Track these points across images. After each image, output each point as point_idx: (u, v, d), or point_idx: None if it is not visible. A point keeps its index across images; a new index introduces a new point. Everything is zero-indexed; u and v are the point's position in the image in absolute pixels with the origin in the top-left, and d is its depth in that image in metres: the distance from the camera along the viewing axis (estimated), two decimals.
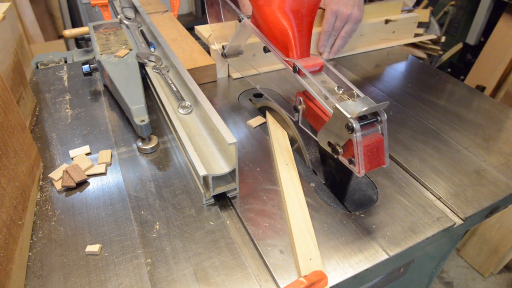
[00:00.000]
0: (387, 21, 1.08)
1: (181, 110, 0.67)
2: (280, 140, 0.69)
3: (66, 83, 0.89)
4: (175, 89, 0.72)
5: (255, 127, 0.72)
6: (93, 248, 0.50)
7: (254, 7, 0.65)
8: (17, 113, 0.56)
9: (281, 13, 0.59)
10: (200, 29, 1.01)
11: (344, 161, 0.52)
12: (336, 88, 0.54)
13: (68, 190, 0.60)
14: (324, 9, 0.95)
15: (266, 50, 0.67)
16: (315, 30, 0.90)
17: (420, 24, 1.69)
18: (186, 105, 0.67)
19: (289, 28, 0.59)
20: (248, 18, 0.71)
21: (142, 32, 0.93)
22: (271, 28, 0.62)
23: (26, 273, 0.48)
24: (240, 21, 0.72)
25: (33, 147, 0.61)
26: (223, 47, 0.86)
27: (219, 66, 0.91)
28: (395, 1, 1.09)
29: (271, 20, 0.61)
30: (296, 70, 0.58)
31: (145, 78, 0.80)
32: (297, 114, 0.62)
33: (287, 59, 0.60)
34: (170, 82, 0.74)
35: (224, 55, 0.86)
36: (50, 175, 0.61)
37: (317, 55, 0.60)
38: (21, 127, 0.57)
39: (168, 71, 0.78)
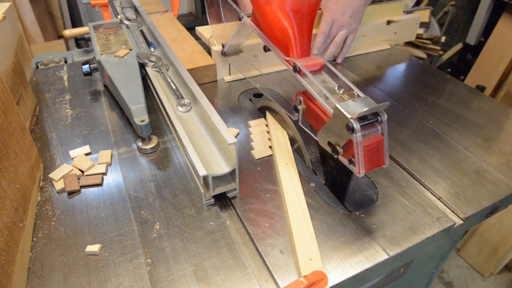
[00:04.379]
0: (389, 22, 1.08)
1: (180, 108, 0.67)
2: (280, 140, 0.69)
3: (66, 83, 0.90)
4: (174, 87, 0.72)
5: (258, 159, 0.68)
6: (93, 248, 0.50)
7: (254, 6, 0.65)
8: (17, 115, 0.56)
9: (282, 13, 0.59)
10: (201, 30, 1.01)
11: (344, 161, 0.52)
12: (336, 88, 0.54)
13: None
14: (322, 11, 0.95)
15: (266, 49, 0.67)
16: (314, 31, 0.90)
17: (420, 24, 1.69)
18: (185, 103, 0.67)
19: (289, 27, 0.59)
20: (248, 17, 0.71)
21: (142, 32, 0.93)
22: (272, 28, 0.62)
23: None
24: (240, 19, 0.72)
25: (33, 149, 0.61)
26: (223, 45, 0.86)
27: (220, 67, 0.91)
28: (397, 2, 1.09)
29: (272, 19, 0.61)
30: (296, 69, 0.58)
31: (145, 78, 0.80)
32: (297, 114, 0.62)
33: (287, 58, 0.60)
34: (170, 80, 0.74)
35: (223, 54, 0.86)
36: (50, 175, 0.61)
37: (317, 55, 0.60)
38: (21, 129, 0.57)
39: (167, 70, 0.78)
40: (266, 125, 0.75)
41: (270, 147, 0.69)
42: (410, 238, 0.53)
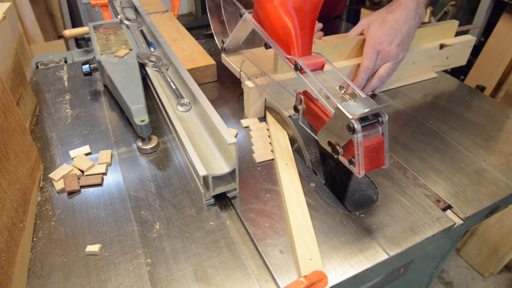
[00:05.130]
0: (441, 46, 0.92)
1: (179, 108, 0.67)
2: (280, 140, 0.69)
3: (66, 83, 0.89)
4: (174, 87, 0.72)
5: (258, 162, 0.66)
6: (93, 248, 0.50)
7: (256, 3, 0.65)
8: (17, 115, 0.56)
9: (284, 10, 0.59)
10: (228, 58, 0.84)
11: (344, 161, 0.52)
12: (337, 88, 0.54)
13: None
14: (364, 39, 0.81)
15: (267, 46, 0.66)
16: (355, 61, 0.82)
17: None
18: (185, 102, 0.67)
19: (291, 25, 0.59)
20: (249, 13, 0.70)
21: (142, 32, 0.93)
22: (273, 25, 0.61)
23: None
24: (241, 16, 0.72)
25: (33, 149, 0.61)
26: (223, 41, 0.86)
27: (253, 99, 0.75)
28: (450, 22, 0.94)
29: (273, 17, 0.60)
30: (297, 68, 0.58)
31: (145, 78, 0.80)
32: (298, 113, 0.62)
33: (288, 56, 0.60)
34: (169, 80, 0.74)
35: (223, 50, 0.86)
36: (50, 175, 0.61)
37: (319, 54, 0.60)
38: (21, 129, 0.57)
39: (167, 69, 0.78)
40: (267, 129, 0.74)
41: (271, 151, 0.68)
42: (410, 238, 0.53)
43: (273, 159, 0.67)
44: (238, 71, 0.80)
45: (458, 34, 0.98)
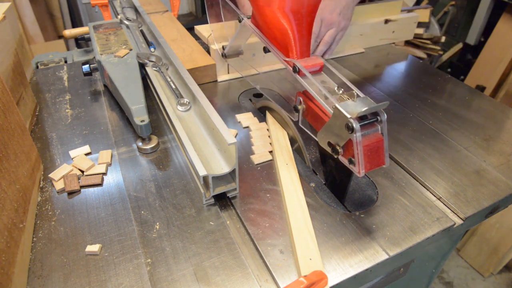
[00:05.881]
0: (386, 21, 1.09)
1: (179, 108, 0.67)
2: (280, 140, 0.69)
3: (66, 83, 0.90)
4: (173, 87, 0.72)
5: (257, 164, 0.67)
6: (93, 248, 0.50)
7: (254, 8, 0.65)
8: (17, 115, 0.56)
9: (281, 14, 0.59)
10: (200, 29, 1.01)
11: (344, 161, 0.52)
12: (336, 88, 0.54)
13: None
14: None
15: (266, 50, 0.67)
16: None
17: (420, 24, 1.69)
18: (185, 102, 0.67)
19: (289, 28, 0.59)
20: (248, 18, 0.71)
21: (142, 32, 0.93)
22: (271, 29, 0.62)
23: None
24: (240, 21, 0.72)
25: (33, 149, 0.61)
26: (223, 47, 0.86)
27: (218, 66, 0.90)
28: (395, 1, 1.10)
29: (271, 20, 0.61)
30: (296, 70, 0.58)
31: (145, 78, 0.80)
32: (297, 114, 0.62)
33: (287, 59, 0.60)
34: (169, 79, 0.74)
35: (224, 56, 0.86)
36: (50, 175, 0.61)
37: (317, 56, 0.60)
38: (21, 129, 0.57)
39: (167, 69, 0.78)
40: (268, 129, 0.74)
41: (270, 152, 0.68)
42: (410, 238, 0.53)
43: (272, 160, 0.67)
44: (206, 38, 0.94)
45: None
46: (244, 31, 0.75)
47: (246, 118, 0.77)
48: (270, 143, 0.70)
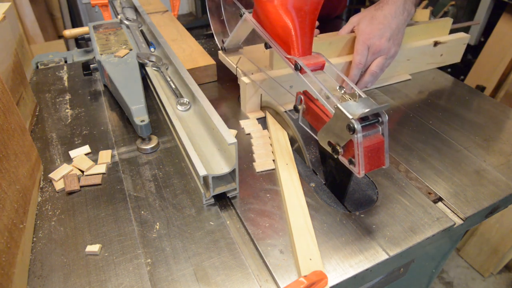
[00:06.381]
0: (436, 43, 0.93)
1: (179, 107, 0.67)
2: (280, 140, 0.69)
3: (66, 83, 0.90)
4: (173, 86, 0.72)
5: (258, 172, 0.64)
6: (93, 248, 0.50)
7: (256, 3, 0.65)
8: (17, 115, 0.56)
9: (284, 10, 0.59)
10: (226, 57, 0.85)
11: (344, 161, 0.52)
12: (337, 88, 0.54)
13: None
14: (355, 36, 0.82)
15: (267, 46, 0.66)
16: (347, 58, 0.82)
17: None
18: (184, 101, 0.67)
19: (291, 25, 0.58)
20: (249, 13, 0.70)
21: (142, 32, 0.93)
22: (273, 25, 0.61)
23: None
24: (241, 16, 0.72)
25: (33, 149, 0.61)
26: (222, 41, 0.86)
27: (249, 95, 0.77)
28: (444, 20, 0.95)
29: (273, 17, 0.60)
30: (297, 68, 0.58)
31: (145, 78, 0.80)
32: (297, 114, 0.62)
33: (289, 56, 0.60)
34: (169, 79, 0.74)
35: (223, 49, 0.86)
36: (50, 175, 0.61)
37: (319, 54, 0.60)
38: (21, 130, 0.57)
39: (167, 69, 0.78)
40: (269, 138, 0.72)
41: (273, 160, 0.66)
42: (410, 238, 0.53)
43: (274, 169, 0.65)
44: (234, 68, 0.81)
45: (459, 30, 0.99)
46: (245, 25, 0.74)
47: (251, 125, 0.75)
48: (272, 152, 0.68)
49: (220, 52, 0.87)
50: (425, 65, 0.97)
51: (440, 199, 0.61)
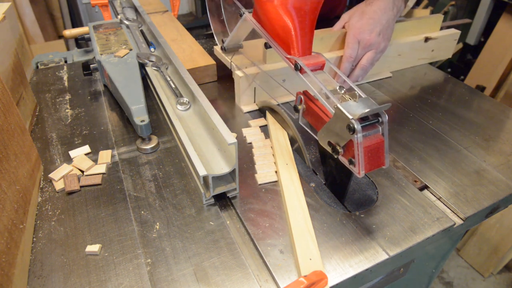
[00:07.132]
0: (427, 39, 0.96)
1: (179, 107, 0.67)
2: (280, 140, 0.69)
3: (66, 83, 0.90)
4: (173, 86, 0.72)
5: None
6: (93, 248, 0.50)
7: (256, 3, 0.65)
8: (17, 116, 0.56)
9: (284, 10, 0.59)
10: (220, 50, 0.88)
11: (344, 161, 0.52)
12: (337, 88, 0.54)
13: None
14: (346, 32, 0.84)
15: (267, 46, 0.66)
16: (338, 53, 0.84)
17: None
18: (184, 101, 0.67)
19: (291, 25, 0.58)
20: (249, 12, 0.70)
21: (142, 32, 0.93)
22: (273, 25, 0.61)
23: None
24: (241, 15, 0.72)
25: (33, 150, 0.61)
26: (222, 41, 0.86)
27: (243, 88, 0.79)
28: (435, 16, 0.97)
29: (273, 16, 0.60)
30: (297, 68, 0.58)
31: (145, 78, 0.80)
32: (297, 114, 0.62)
33: (288, 56, 0.60)
34: (169, 79, 0.74)
35: (224, 49, 0.86)
36: (50, 175, 0.61)
37: (319, 53, 0.60)
38: (21, 130, 0.57)
39: (167, 69, 0.78)
40: (271, 147, 0.69)
41: (276, 172, 0.64)
42: (410, 238, 0.53)
43: (276, 181, 0.63)
44: (229, 62, 0.82)
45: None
46: (245, 25, 0.74)
47: (253, 134, 0.73)
48: (274, 162, 0.66)
49: (216, 47, 0.89)
50: (416, 60, 1.00)
51: (426, 186, 0.62)
